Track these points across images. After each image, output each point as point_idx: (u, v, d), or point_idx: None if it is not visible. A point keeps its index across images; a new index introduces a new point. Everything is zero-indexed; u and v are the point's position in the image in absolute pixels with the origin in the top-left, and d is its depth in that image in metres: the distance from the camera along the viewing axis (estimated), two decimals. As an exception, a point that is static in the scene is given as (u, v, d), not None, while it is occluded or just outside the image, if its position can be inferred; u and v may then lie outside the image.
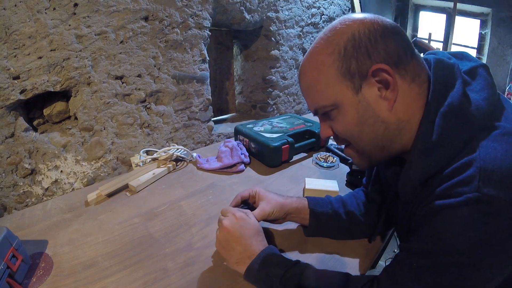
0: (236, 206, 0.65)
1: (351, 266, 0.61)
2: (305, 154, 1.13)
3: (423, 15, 2.89)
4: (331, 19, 1.86)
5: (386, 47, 0.42)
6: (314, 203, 0.66)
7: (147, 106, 1.11)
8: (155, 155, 1.00)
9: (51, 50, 0.85)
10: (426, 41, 2.48)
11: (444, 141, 0.39)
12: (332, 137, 0.52)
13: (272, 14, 1.49)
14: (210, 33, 1.23)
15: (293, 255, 0.63)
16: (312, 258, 0.62)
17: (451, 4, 2.46)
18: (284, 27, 1.58)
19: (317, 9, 1.75)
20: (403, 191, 0.46)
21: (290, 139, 1.03)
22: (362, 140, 0.47)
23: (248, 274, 0.53)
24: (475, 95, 0.41)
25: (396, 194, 0.50)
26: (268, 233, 0.68)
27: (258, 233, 0.57)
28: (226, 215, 0.58)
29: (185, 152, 1.05)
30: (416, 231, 0.41)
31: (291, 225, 0.71)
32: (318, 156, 1.06)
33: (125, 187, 0.88)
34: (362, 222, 0.65)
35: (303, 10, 1.65)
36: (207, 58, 1.25)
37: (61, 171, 0.96)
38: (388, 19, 0.44)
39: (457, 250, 0.35)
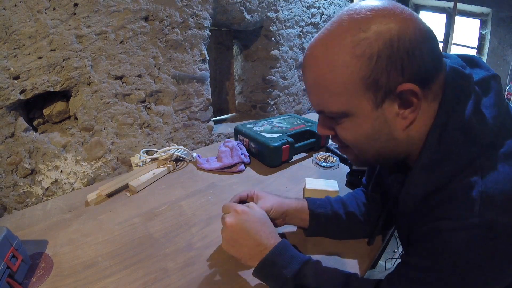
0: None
1: (351, 266, 0.61)
2: (305, 154, 1.13)
3: (423, 15, 2.89)
4: (331, 19, 1.86)
5: (421, 62, 0.37)
6: (314, 204, 0.66)
7: (147, 106, 1.11)
8: (155, 155, 1.00)
9: (51, 50, 0.85)
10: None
11: (449, 158, 0.39)
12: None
13: (272, 14, 1.49)
14: (210, 33, 1.23)
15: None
16: (312, 258, 0.62)
17: (451, 4, 2.46)
18: (284, 27, 1.58)
19: (317, 9, 1.75)
20: (404, 204, 0.46)
21: (290, 139, 1.03)
22: (367, 152, 0.45)
23: (259, 269, 0.51)
24: (486, 111, 0.39)
25: (396, 199, 0.50)
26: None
27: (265, 223, 0.55)
28: (228, 211, 0.57)
29: (185, 152, 1.05)
30: (417, 245, 0.42)
31: (291, 226, 0.71)
32: (318, 156, 1.06)
33: (125, 187, 0.88)
34: (363, 222, 0.65)
35: (303, 10, 1.65)
36: (207, 58, 1.25)
37: (61, 171, 0.96)
38: (422, 19, 0.39)
39: (455, 269, 0.36)
